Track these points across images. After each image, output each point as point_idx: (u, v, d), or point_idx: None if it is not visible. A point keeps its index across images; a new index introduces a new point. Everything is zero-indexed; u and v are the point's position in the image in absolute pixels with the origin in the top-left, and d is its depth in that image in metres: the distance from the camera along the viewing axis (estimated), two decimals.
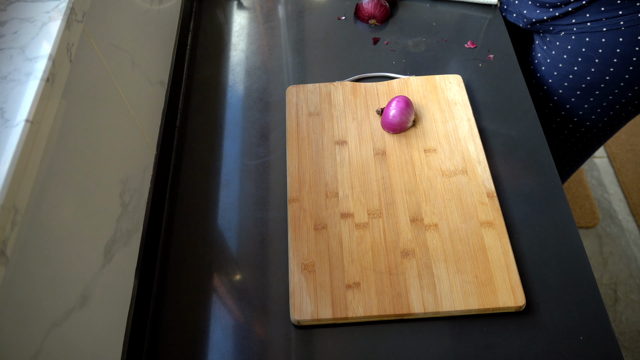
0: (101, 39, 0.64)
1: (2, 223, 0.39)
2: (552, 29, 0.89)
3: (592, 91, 0.89)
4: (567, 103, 0.93)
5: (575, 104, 0.93)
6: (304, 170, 0.79)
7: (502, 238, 0.71)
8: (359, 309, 0.66)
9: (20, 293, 0.43)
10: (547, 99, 0.95)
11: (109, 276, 0.61)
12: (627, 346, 1.46)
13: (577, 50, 0.86)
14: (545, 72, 0.92)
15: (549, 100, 0.96)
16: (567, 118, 0.97)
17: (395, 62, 0.95)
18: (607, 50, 0.82)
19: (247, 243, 0.75)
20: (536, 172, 0.79)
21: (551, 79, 0.92)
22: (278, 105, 0.90)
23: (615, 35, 0.80)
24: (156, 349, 0.67)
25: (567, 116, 0.97)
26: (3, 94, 0.46)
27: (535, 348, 0.64)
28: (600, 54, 0.83)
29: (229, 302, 0.70)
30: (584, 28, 0.83)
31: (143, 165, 0.75)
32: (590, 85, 0.87)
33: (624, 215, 1.72)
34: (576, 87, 0.90)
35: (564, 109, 0.95)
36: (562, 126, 1.00)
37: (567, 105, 0.94)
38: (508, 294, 0.66)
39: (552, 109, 0.97)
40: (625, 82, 0.85)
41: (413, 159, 0.79)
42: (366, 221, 0.73)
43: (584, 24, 0.82)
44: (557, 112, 0.97)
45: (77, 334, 0.52)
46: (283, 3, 1.08)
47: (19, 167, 0.42)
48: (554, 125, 1.00)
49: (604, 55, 0.83)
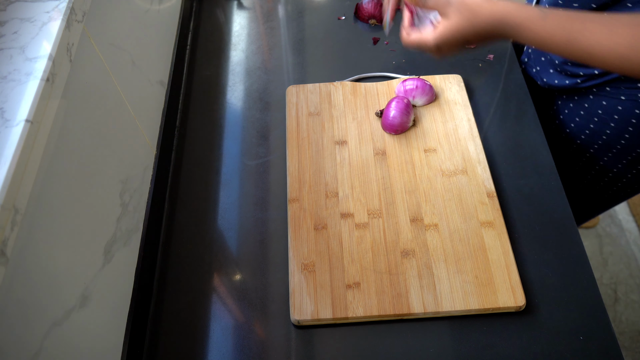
0: (101, 39, 0.64)
1: (2, 223, 0.39)
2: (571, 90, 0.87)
3: (610, 147, 0.86)
4: (587, 152, 0.90)
5: (595, 155, 0.90)
6: (304, 170, 0.79)
7: (502, 238, 0.71)
8: (359, 309, 0.66)
9: (20, 293, 0.43)
10: (568, 142, 0.92)
11: (109, 276, 0.61)
12: (627, 346, 1.46)
13: (593, 112, 0.83)
14: (563, 120, 0.90)
15: (570, 146, 0.93)
16: (589, 165, 0.93)
17: (395, 62, 0.95)
18: (622, 117, 0.80)
19: (247, 243, 0.75)
20: (536, 172, 0.79)
21: (569, 128, 0.90)
22: (278, 105, 0.90)
23: (633, 105, 0.77)
24: (156, 349, 0.67)
25: (588, 163, 0.93)
26: (3, 94, 0.46)
27: (535, 348, 0.64)
28: (616, 120, 0.81)
29: (229, 302, 0.70)
30: (602, 92, 0.80)
31: (143, 165, 0.75)
32: (607, 143, 0.85)
33: (624, 215, 1.72)
34: (594, 141, 0.87)
35: (584, 156, 0.92)
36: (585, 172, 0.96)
37: (587, 154, 0.91)
38: (508, 294, 0.66)
39: (573, 155, 0.94)
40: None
41: (413, 159, 0.79)
42: (366, 221, 0.73)
43: (602, 87, 0.80)
44: (578, 158, 0.94)
45: (77, 334, 0.52)
46: (283, 3, 1.08)
47: (19, 167, 0.42)
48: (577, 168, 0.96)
49: (620, 121, 0.80)
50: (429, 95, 0.85)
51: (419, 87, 0.84)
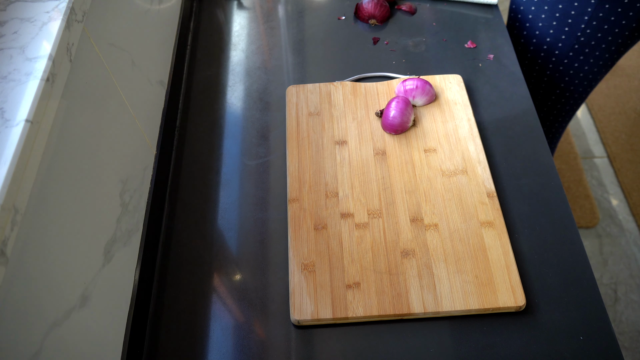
0: (101, 39, 0.64)
1: (2, 223, 0.39)
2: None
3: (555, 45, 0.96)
4: (550, 62, 1.00)
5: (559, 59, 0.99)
6: (304, 170, 0.79)
7: (502, 238, 0.71)
8: (359, 309, 0.66)
9: (20, 293, 0.43)
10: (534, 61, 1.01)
11: (109, 276, 0.61)
12: (627, 346, 1.46)
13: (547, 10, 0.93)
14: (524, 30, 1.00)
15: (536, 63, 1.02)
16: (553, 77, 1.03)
17: (395, 62, 0.95)
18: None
19: (247, 243, 0.75)
20: (536, 172, 0.79)
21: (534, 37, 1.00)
22: (278, 105, 0.90)
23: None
24: (156, 349, 0.67)
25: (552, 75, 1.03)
26: (3, 94, 0.46)
27: (535, 348, 0.64)
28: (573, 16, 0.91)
29: (229, 302, 0.70)
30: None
31: (143, 165, 0.75)
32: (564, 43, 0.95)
33: (624, 215, 1.72)
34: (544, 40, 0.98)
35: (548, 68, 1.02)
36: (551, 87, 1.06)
37: (550, 65, 1.00)
38: (508, 294, 0.66)
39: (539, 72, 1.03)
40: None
41: (413, 159, 0.79)
42: (366, 221, 0.73)
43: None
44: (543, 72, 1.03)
45: (77, 334, 0.52)
46: (283, 3, 1.08)
47: (19, 167, 0.42)
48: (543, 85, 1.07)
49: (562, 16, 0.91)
50: (429, 95, 0.85)
51: (419, 87, 0.84)
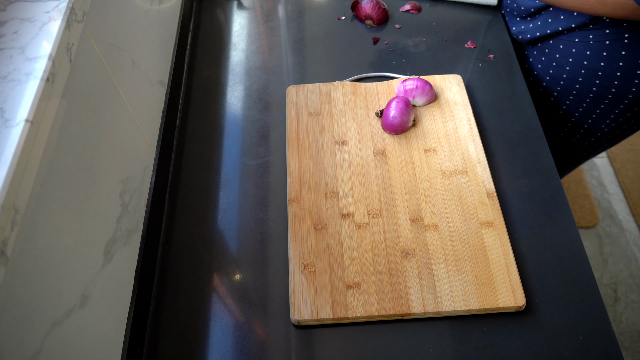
0: (101, 39, 0.64)
1: (2, 223, 0.39)
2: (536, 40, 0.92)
3: (583, 97, 0.90)
4: (564, 104, 0.95)
5: (571, 106, 0.94)
6: (304, 170, 0.79)
7: (502, 238, 0.71)
8: (359, 309, 0.66)
9: (20, 293, 0.43)
10: (546, 96, 0.97)
11: (109, 276, 0.61)
12: (627, 346, 1.46)
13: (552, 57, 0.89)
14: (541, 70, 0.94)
15: (547, 99, 0.97)
16: (565, 118, 0.98)
17: (395, 62, 0.95)
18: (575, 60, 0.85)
19: (247, 243, 0.75)
20: (536, 172, 0.79)
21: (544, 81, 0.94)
22: (278, 105, 0.90)
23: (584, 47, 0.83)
24: (156, 349, 0.67)
25: (564, 116, 0.97)
26: (3, 94, 0.46)
27: (535, 348, 0.64)
28: (570, 63, 0.86)
29: (229, 302, 0.70)
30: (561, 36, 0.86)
31: (143, 165, 0.75)
32: (580, 91, 0.89)
33: (624, 215, 1.72)
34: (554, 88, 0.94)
35: (561, 109, 0.96)
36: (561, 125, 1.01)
37: (564, 106, 0.95)
38: (508, 294, 0.66)
39: (550, 108, 0.98)
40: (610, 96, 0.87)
41: (413, 159, 0.79)
42: (366, 221, 0.73)
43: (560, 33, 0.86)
44: (555, 111, 0.98)
45: (77, 334, 0.52)
46: (283, 3, 1.08)
47: (19, 167, 0.42)
48: (554, 122, 1.02)
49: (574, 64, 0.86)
50: (429, 95, 0.85)
51: (419, 87, 0.84)
